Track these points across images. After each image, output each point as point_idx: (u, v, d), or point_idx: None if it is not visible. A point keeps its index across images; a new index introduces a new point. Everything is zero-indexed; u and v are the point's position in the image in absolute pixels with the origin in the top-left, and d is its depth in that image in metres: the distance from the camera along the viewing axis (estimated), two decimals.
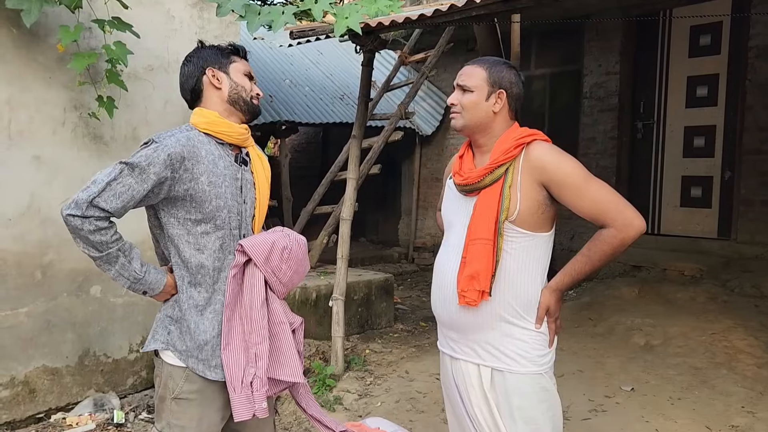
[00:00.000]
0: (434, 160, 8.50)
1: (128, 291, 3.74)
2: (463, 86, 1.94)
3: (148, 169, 1.73)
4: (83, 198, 1.70)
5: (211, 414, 1.91)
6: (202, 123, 1.89)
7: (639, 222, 1.80)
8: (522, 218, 1.85)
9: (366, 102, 5.10)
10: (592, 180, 1.84)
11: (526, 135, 1.90)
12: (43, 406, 3.47)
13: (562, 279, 1.90)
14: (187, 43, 3.98)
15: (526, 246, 1.88)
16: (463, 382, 1.98)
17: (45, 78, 3.38)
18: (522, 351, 1.89)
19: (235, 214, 1.90)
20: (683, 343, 4.31)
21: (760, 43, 5.54)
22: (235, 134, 1.93)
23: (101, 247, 1.74)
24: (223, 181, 1.87)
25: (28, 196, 3.34)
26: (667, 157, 6.37)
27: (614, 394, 3.69)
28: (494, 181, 1.87)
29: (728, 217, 5.87)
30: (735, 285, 5.12)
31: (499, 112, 1.93)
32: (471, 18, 3.86)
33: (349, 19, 3.40)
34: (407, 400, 3.76)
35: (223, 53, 1.97)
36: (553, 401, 1.95)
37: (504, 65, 1.96)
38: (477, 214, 1.88)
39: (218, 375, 1.88)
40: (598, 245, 1.83)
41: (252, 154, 2.01)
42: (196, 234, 1.84)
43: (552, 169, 1.83)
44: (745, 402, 3.50)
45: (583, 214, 1.85)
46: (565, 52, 7.13)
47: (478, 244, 1.85)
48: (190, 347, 1.87)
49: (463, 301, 1.87)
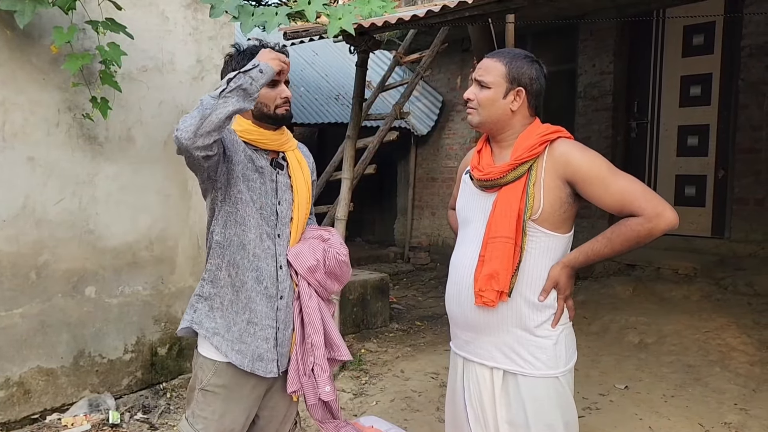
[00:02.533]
0: (430, 160, 8.51)
1: (122, 291, 3.77)
2: (481, 81, 1.87)
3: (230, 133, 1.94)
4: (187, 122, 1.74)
5: (235, 411, 1.97)
6: (239, 130, 1.99)
7: (671, 214, 1.70)
8: (544, 217, 1.79)
9: (360, 102, 5.12)
10: (618, 173, 1.78)
11: (551, 132, 1.83)
12: (38, 407, 3.47)
13: (576, 256, 1.82)
14: (180, 44, 3.98)
15: (546, 246, 1.82)
16: (477, 387, 1.91)
17: (39, 79, 3.38)
18: (538, 353, 1.82)
19: (268, 213, 1.98)
20: (677, 341, 4.33)
21: (752, 43, 5.57)
22: (268, 141, 2.00)
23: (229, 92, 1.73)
24: (258, 178, 1.96)
25: (23, 198, 3.34)
26: (661, 156, 6.40)
27: (608, 392, 3.71)
28: (517, 178, 1.80)
29: (722, 215, 5.91)
30: (728, 283, 5.15)
31: (518, 110, 1.86)
32: (464, 18, 3.88)
33: (342, 20, 3.41)
34: (402, 399, 3.77)
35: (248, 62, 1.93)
36: (569, 406, 1.88)
37: (525, 59, 1.88)
38: (498, 211, 1.81)
39: (237, 360, 1.93)
40: (624, 230, 1.75)
41: (291, 158, 2.06)
42: (237, 217, 1.94)
43: (577, 164, 1.77)
44: (738, 399, 3.53)
45: (610, 208, 1.77)
46: (560, 51, 7.16)
47: (497, 242, 1.79)
48: (219, 324, 1.95)
49: (480, 300, 1.81)
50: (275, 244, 1.99)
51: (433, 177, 8.45)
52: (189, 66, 4.04)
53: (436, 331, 5.30)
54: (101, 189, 3.64)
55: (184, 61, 4.01)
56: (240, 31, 3.46)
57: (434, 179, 8.44)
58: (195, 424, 1.96)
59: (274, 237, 1.99)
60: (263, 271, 1.96)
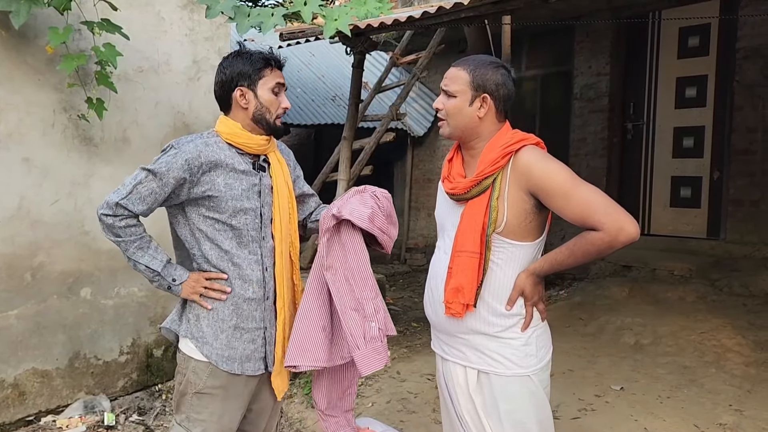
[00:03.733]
0: (426, 161, 8.52)
1: (118, 293, 3.76)
2: (447, 91, 1.89)
3: (168, 174, 1.87)
4: (113, 199, 1.88)
5: (232, 410, 2.00)
6: (225, 133, 1.99)
7: (630, 227, 1.69)
8: (509, 229, 1.80)
9: (357, 103, 5.12)
10: (580, 185, 1.76)
11: (514, 142, 1.82)
12: (33, 409, 3.46)
13: (542, 265, 1.84)
14: (176, 45, 3.98)
15: (513, 256, 1.84)
16: (452, 383, 1.97)
17: (34, 80, 3.37)
18: (508, 353, 1.86)
19: (252, 218, 1.98)
20: (673, 342, 4.34)
21: (747, 45, 5.59)
22: (255, 145, 2.00)
23: (129, 237, 1.91)
24: (240, 185, 1.96)
25: (18, 199, 3.33)
26: (657, 158, 6.42)
27: (604, 393, 3.71)
28: (481, 192, 1.82)
29: (717, 216, 5.92)
30: (724, 284, 5.16)
31: (485, 117, 1.86)
32: (460, 20, 3.88)
33: (338, 21, 3.41)
34: (398, 401, 3.76)
35: (254, 67, 1.97)
36: (541, 404, 1.90)
37: (490, 65, 1.88)
38: (463, 226, 1.84)
39: (227, 366, 1.95)
40: (584, 243, 1.76)
41: (272, 158, 2.07)
42: (216, 231, 1.95)
43: (538, 176, 1.76)
44: (733, 400, 3.53)
45: (571, 220, 1.78)
46: (556, 53, 7.17)
47: (463, 257, 1.82)
48: (206, 333, 1.96)
49: (448, 312, 1.86)
50: (260, 247, 2.00)
51: (430, 178, 8.46)
52: (185, 67, 4.03)
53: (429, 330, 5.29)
54: (97, 190, 3.63)
55: (180, 61, 4.01)
56: (236, 31, 3.46)
57: (431, 180, 8.45)
58: (192, 428, 1.97)
59: (259, 240, 2.00)
60: (249, 276, 1.98)
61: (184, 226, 1.99)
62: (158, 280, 1.96)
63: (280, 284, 2.03)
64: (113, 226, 1.88)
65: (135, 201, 1.87)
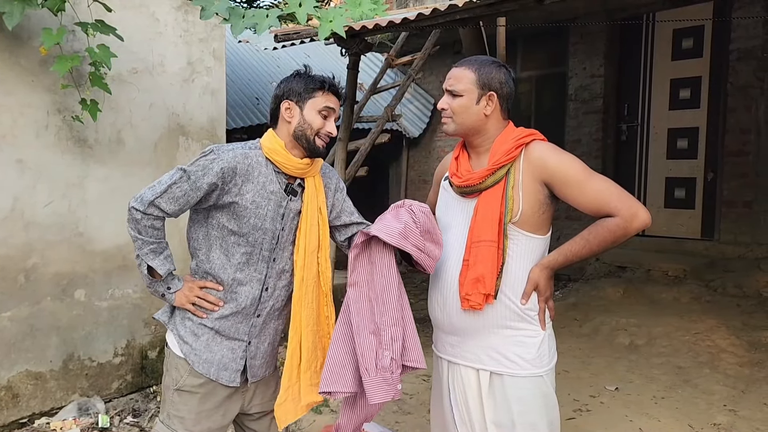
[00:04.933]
0: (422, 162, 8.52)
1: (112, 294, 3.75)
2: (452, 90, 1.91)
3: (202, 178, 1.87)
4: (148, 196, 1.87)
5: (210, 408, 1.98)
6: (267, 147, 1.97)
7: (644, 213, 1.78)
8: (524, 219, 1.83)
9: (352, 105, 5.12)
10: (593, 175, 1.84)
11: (525, 135, 1.88)
12: (27, 411, 3.44)
13: (556, 258, 1.86)
14: (171, 46, 3.97)
15: (527, 248, 1.86)
16: (462, 389, 1.94)
17: (28, 81, 3.36)
18: (523, 353, 1.86)
19: (269, 237, 1.96)
20: (667, 342, 4.35)
21: (741, 47, 5.62)
22: (292, 167, 1.97)
23: (149, 238, 1.90)
24: (267, 204, 1.94)
25: (11, 200, 3.32)
26: (651, 159, 6.44)
27: (599, 394, 3.73)
28: (496, 182, 1.84)
29: (711, 217, 5.94)
30: (718, 285, 5.19)
31: (491, 114, 1.90)
32: (455, 21, 3.89)
33: (333, 22, 3.41)
34: (393, 402, 3.76)
35: (308, 87, 1.96)
36: (552, 405, 1.91)
37: (493, 65, 1.92)
38: (480, 216, 1.85)
39: (203, 369, 1.94)
40: (600, 231, 1.80)
41: (308, 183, 2.03)
42: (229, 242, 1.94)
43: (553, 167, 1.81)
44: (727, 400, 3.54)
45: (586, 209, 1.82)
46: (551, 54, 7.19)
47: (482, 246, 1.82)
48: (187, 333, 1.97)
49: (467, 305, 1.84)
50: (267, 267, 1.99)
51: (425, 179, 8.46)
52: (179, 68, 4.03)
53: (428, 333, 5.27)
54: (91, 191, 3.62)
55: (175, 63, 4.00)
56: (231, 33, 3.46)
57: (426, 181, 8.45)
58: (171, 425, 1.97)
59: (269, 260, 1.99)
60: (245, 292, 1.97)
61: (201, 227, 1.98)
62: (155, 286, 1.96)
63: (296, 312, 2.01)
64: (139, 222, 1.88)
65: (168, 200, 1.87)
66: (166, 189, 1.87)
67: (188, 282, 1.98)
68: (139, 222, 1.88)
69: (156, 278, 1.95)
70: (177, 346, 1.99)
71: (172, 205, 1.88)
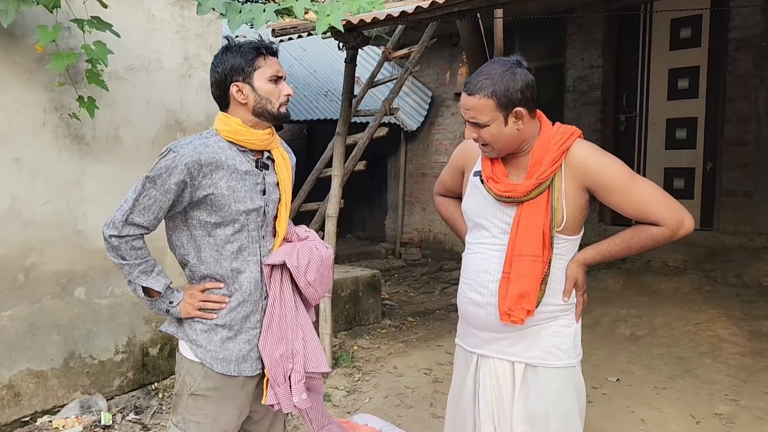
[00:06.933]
0: (420, 156, 8.51)
1: (112, 292, 3.73)
2: (476, 123, 1.81)
3: (168, 179, 1.80)
4: (118, 218, 1.82)
5: (228, 411, 1.95)
6: (225, 131, 1.91)
7: (690, 222, 1.76)
8: (567, 226, 1.81)
9: (350, 99, 5.10)
10: (638, 180, 1.79)
11: (567, 138, 1.81)
12: (29, 410, 3.44)
13: (593, 256, 1.85)
14: (167, 42, 3.95)
15: (566, 250, 1.85)
16: (494, 382, 1.91)
17: (24, 79, 3.34)
18: (560, 344, 1.86)
19: (254, 217, 1.92)
20: (668, 333, 4.36)
21: (739, 36, 5.61)
22: (257, 141, 1.92)
23: (135, 261, 1.85)
24: (243, 185, 1.89)
25: (9, 199, 3.30)
26: (650, 149, 6.43)
27: (600, 385, 3.73)
28: (539, 193, 1.79)
29: (711, 207, 5.95)
30: (718, 275, 5.20)
31: (524, 126, 1.82)
32: (453, 14, 3.87)
33: (330, 16, 3.39)
34: (396, 396, 3.77)
35: (246, 59, 1.88)
36: (582, 394, 1.93)
37: (505, 75, 1.78)
38: (522, 228, 1.80)
39: (222, 368, 1.91)
40: (643, 238, 1.78)
41: (276, 154, 1.99)
42: (216, 236, 1.88)
43: (596, 172, 1.77)
44: (728, 390, 3.55)
45: (631, 215, 1.79)
46: (549, 46, 7.17)
47: (525, 261, 1.78)
48: (199, 336, 1.92)
49: (508, 319, 1.80)
50: (260, 247, 1.95)
51: (424, 172, 8.45)
52: (176, 64, 4.01)
53: (429, 326, 5.30)
54: (89, 189, 3.61)
55: (171, 59, 3.98)
56: (227, 28, 3.43)
57: (424, 175, 8.44)
58: (187, 429, 1.94)
59: (259, 239, 1.94)
60: (244, 280, 1.93)
61: (182, 231, 1.91)
62: (156, 304, 1.90)
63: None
64: (119, 248, 1.82)
65: (140, 213, 1.81)
66: (134, 203, 1.81)
67: (188, 290, 1.93)
68: (118, 248, 1.82)
69: (155, 297, 1.90)
70: (190, 351, 1.93)
71: (146, 216, 1.82)
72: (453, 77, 8.19)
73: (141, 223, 1.82)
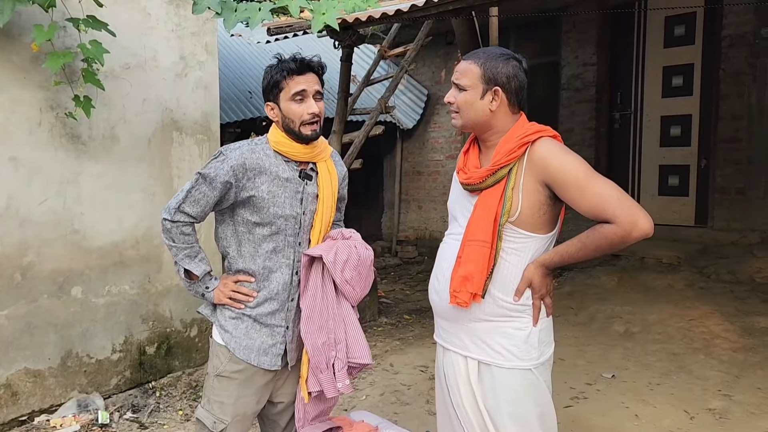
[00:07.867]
0: (416, 154, 8.53)
1: (109, 291, 3.74)
2: (458, 84, 1.88)
3: (216, 178, 1.99)
4: (173, 205, 2.05)
5: (248, 395, 2.11)
6: (272, 141, 2.08)
7: (645, 222, 1.69)
8: (522, 219, 1.81)
9: (345, 97, 5.12)
10: (595, 178, 1.77)
11: (532, 133, 1.82)
12: (26, 409, 3.45)
13: (551, 257, 1.84)
14: (163, 41, 3.95)
15: (524, 246, 1.84)
16: (453, 374, 1.96)
17: (20, 78, 3.34)
18: (509, 345, 1.86)
19: (292, 223, 2.07)
20: (662, 329, 4.39)
21: (733, 33, 5.63)
22: (298, 153, 2.07)
23: (182, 244, 2.06)
24: (284, 191, 2.04)
25: (6, 198, 3.31)
26: (645, 147, 6.46)
27: (595, 382, 3.76)
28: (496, 182, 1.82)
29: (705, 204, 5.98)
30: (711, 271, 5.23)
31: (497, 110, 1.85)
32: (448, 12, 3.89)
33: (326, 15, 3.40)
34: (392, 393, 3.79)
35: (272, 81, 2.02)
36: (542, 396, 1.91)
37: (501, 58, 1.85)
38: (476, 215, 1.84)
39: (244, 356, 2.06)
40: (597, 237, 1.75)
41: (321, 167, 2.13)
42: (255, 234, 2.06)
43: (554, 168, 1.76)
44: (721, 386, 3.58)
45: (585, 213, 1.77)
46: (543, 43, 7.19)
47: (474, 246, 1.82)
48: (228, 323, 2.09)
49: (453, 300, 1.84)
50: (294, 252, 2.09)
51: (419, 171, 8.47)
52: (172, 63, 4.01)
53: (425, 324, 5.32)
54: (85, 188, 3.61)
55: (167, 57, 3.98)
56: (223, 27, 3.44)
57: (420, 173, 8.46)
58: (211, 409, 2.09)
59: (294, 245, 2.09)
60: (274, 279, 2.07)
61: (227, 226, 2.09)
62: (194, 287, 2.10)
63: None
64: (170, 231, 2.04)
65: (191, 204, 2.01)
66: (186, 194, 2.02)
67: (223, 279, 2.11)
68: (170, 231, 2.04)
69: (194, 280, 2.09)
70: (219, 335, 2.11)
71: (195, 208, 2.02)
72: (448, 75, 8.20)
73: (190, 212, 2.03)
